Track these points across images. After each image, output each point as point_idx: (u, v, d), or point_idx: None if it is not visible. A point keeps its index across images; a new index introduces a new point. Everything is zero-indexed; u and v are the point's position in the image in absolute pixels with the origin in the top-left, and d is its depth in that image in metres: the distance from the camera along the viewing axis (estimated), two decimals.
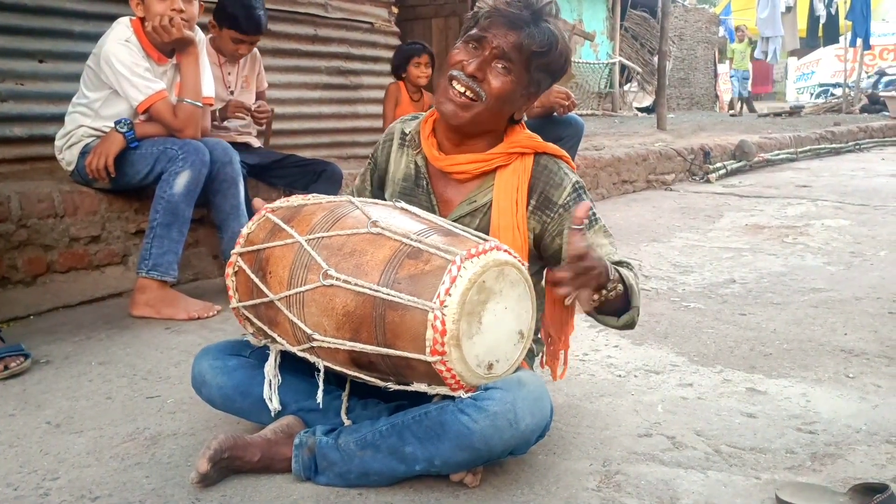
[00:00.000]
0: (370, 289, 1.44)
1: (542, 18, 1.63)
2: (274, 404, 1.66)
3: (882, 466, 1.68)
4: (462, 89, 1.62)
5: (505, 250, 1.48)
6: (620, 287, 1.53)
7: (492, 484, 1.58)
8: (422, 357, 1.40)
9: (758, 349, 2.45)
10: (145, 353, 2.40)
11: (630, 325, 1.64)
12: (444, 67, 1.68)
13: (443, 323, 1.37)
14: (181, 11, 2.78)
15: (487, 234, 1.64)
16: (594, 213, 1.71)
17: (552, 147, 1.75)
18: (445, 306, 1.37)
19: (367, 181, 1.94)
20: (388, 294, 1.42)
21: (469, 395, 1.45)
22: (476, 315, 1.42)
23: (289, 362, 1.68)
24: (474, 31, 1.64)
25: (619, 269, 1.57)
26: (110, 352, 2.41)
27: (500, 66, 1.62)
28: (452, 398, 1.47)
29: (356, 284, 1.45)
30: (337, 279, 1.47)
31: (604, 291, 1.49)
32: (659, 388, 2.13)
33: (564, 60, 1.70)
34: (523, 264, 1.51)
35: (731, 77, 17.00)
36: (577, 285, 1.39)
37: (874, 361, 2.33)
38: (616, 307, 1.58)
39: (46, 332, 2.59)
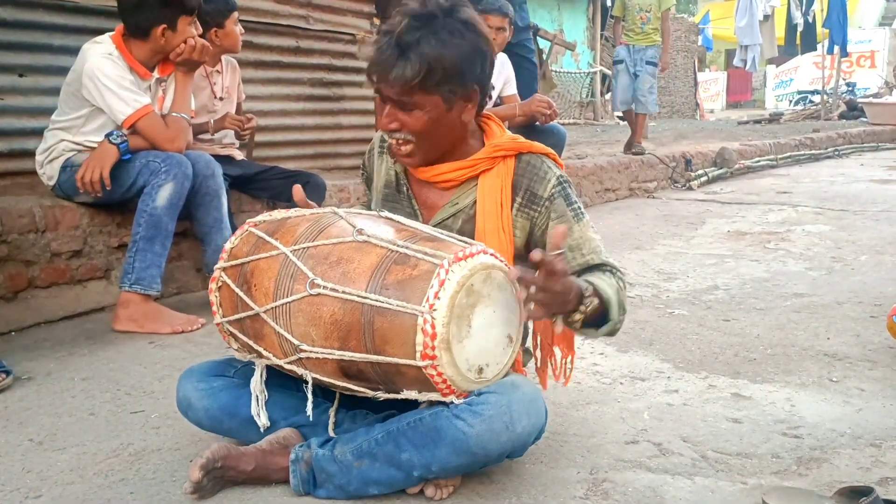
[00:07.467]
0: (358, 296, 1.43)
1: (407, 50, 1.53)
2: (262, 420, 1.65)
3: (867, 469, 1.69)
4: (394, 140, 1.65)
5: (491, 254, 1.49)
6: (596, 302, 1.51)
7: (479, 493, 1.57)
8: (412, 362, 1.40)
9: (742, 355, 2.47)
10: (129, 368, 2.38)
11: (611, 334, 1.63)
12: None
13: (433, 326, 1.37)
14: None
15: (472, 236, 1.64)
16: (579, 208, 1.71)
17: (537, 146, 1.74)
18: (435, 310, 1.37)
19: (367, 192, 1.95)
20: (377, 300, 1.42)
21: (461, 400, 1.45)
22: (465, 318, 1.42)
23: (275, 378, 1.67)
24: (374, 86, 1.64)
25: (596, 281, 1.55)
26: (93, 367, 2.39)
27: (405, 109, 1.61)
28: (444, 404, 1.47)
29: (344, 292, 1.45)
30: (324, 288, 1.46)
31: (577, 315, 1.48)
32: (645, 394, 2.14)
33: (472, 53, 1.58)
34: (510, 268, 1.51)
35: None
36: (545, 305, 1.39)
37: (857, 365, 2.35)
38: (595, 319, 1.56)
39: (28, 348, 2.57)
